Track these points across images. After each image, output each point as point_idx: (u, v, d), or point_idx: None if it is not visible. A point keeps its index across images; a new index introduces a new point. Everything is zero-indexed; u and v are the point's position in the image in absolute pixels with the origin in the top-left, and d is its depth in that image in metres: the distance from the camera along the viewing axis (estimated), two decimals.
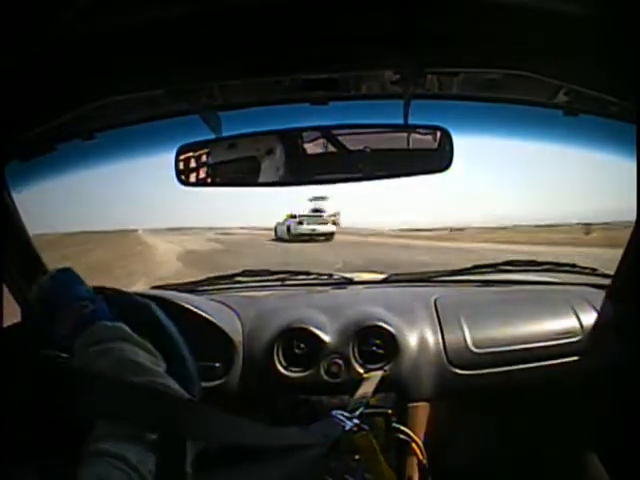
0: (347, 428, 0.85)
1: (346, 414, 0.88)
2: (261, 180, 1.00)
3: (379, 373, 1.07)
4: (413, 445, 1.10)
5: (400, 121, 0.95)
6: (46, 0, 0.59)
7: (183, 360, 0.77)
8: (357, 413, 0.90)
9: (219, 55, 0.79)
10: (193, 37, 0.75)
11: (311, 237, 15.46)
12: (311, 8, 0.72)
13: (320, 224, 16.51)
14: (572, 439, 1.21)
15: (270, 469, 0.67)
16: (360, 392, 0.99)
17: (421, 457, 1.10)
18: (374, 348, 1.11)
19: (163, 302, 1.05)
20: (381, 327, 1.12)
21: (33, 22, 0.60)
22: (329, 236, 16.11)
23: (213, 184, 1.04)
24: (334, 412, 0.88)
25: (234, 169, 1.02)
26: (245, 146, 0.99)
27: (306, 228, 15.99)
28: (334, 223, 17.57)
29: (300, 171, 1.00)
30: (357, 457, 0.98)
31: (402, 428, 1.10)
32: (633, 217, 0.98)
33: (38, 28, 0.62)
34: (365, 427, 0.89)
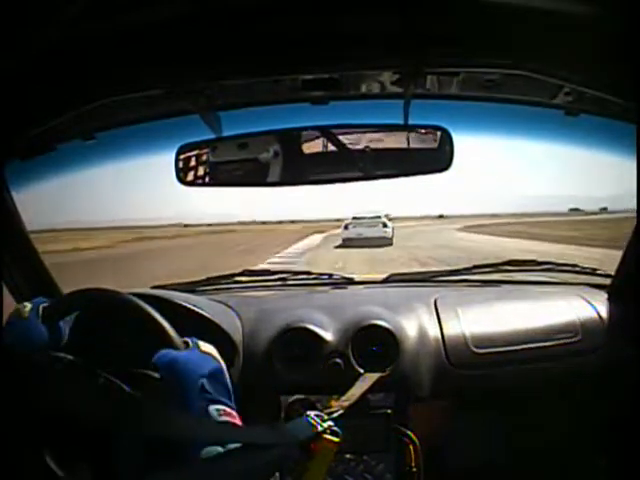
0: (319, 430, 0.81)
1: (322, 415, 0.84)
2: (261, 180, 1.00)
3: (375, 375, 1.06)
4: (412, 445, 1.10)
5: (400, 121, 0.95)
6: (46, 0, 0.59)
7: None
8: (335, 415, 0.87)
9: (219, 55, 0.79)
10: (193, 37, 0.75)
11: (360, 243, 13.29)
12: (311, 8, 0.72)
13: (368, 227, 14.09)
14: (572, 439, 1.21)
15: (224, 467, 0.67)
16: (349, 393, 0.98)
17: (421, 457, 1.10)
18: (374, 348, 1.11)
19: (163, 301, 1.05)
20: (381, 327, 1.12)
21: (33, 22, 0.60)
22: (379, 241, 13.35)
23: (213, 184, 1.04)
24: (309, 412, 0.84)
25: (234, 169, 1.02)
26: (245, 146, 0.99)
27: (353, 232, 14.04)
28: (385, 225, 14.45)
29: (300, 171, 1.00)
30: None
31: (402, 428, 1.10)
32: None
33: (38, 28, 0.62)
34: (337, 430, 0.83)
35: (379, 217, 14.51)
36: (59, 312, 0.80)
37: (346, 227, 14.66)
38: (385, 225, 14.36)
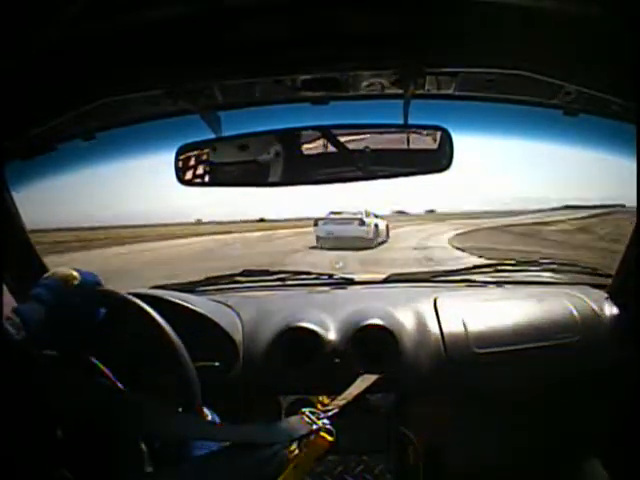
0: (315, 427, 0.82)
1: (317, 412, 0.85)
2: (261, 180, 1.00)
3: (374, 374, 1.06)
4: (412, 445, 1.10)
5: (400, 121, 0.95)
6: (46, 0, 0.59)
7: (180, 360, 0.77)
8: (330, 413, 0.87)
9: (219, 55, 0.79)
10: (193, 37, 0.75)
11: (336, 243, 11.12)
12: (311, 8, 0.72)
13: (341, 224, 11.63)
14: (572, 439, 1.22)
15: (219, 466, 0.67)
16: (346, 392, 0.98)
17: (420, 457, 1.10)
18: (374, 348, 1.11)
19: (163, 302, 1.05)
20: (381, 327, 1.13)
21: (33, 22, 0.60)
22: (354, 241, 10.93)
23: (213, 184, 1.04)
24: (304, 409, 0.85)
25: (234, 169, 1.02)
26: (245, 146, 0.99)
27: (322, 230, 11.84)
28: (362, 223, 11.71)
29: (300, 171, 1.00)
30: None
31: (402, 428, 1.10)
32: None
33: (38, 28, 0.62)
34: (332, 429, 0.84)
35: (358, 213, 11.90)
36: (103, 301, 0.79)
37: (316, 224, 12.25)
38: (362, 223, 11.72)
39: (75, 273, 0.77)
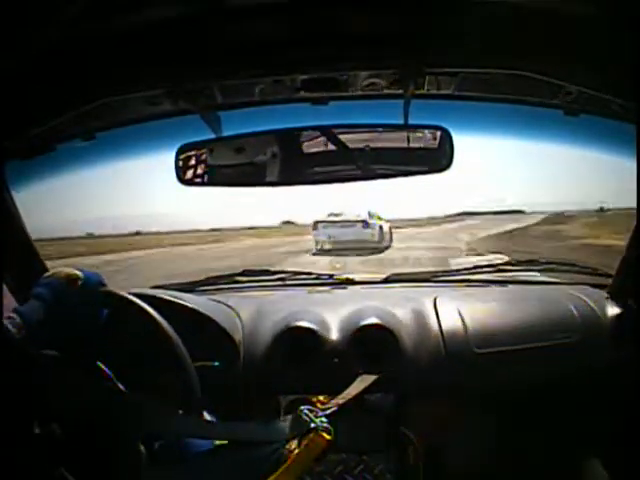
0: (312, 426, 0.83)
1: (316, 410, 0.86)
2: (261, 180, 1.00)
3: (374, 374, 1.06)
4: (412, 445, 1.10)
5: (400, 121, 0.95)
6: (46, 0, 0.59)
7: (180, 360, 0.77)
8: (328, 412, 0.88)
9: (219, 55, 0.79)
10: (193, 37, 0.75)
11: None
12: (311, 8, 0.72)
13: (344, 227, 10.56)
14: (572, 439, 1.22)
15: (218, 464, 0.68)
16: (345, 392, 0.98)
17: (420, 457, 1.10)
18: (374, 348, 1.11)
19: (162, 301, 1.05)
20: (381, 327, 1.13)
21: (33, 22, 0.60)
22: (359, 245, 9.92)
23: (213, 184, 1.04)
24: (303, 408, 0.86)
25: (234, 169, 1.02)
26: (245, 146, 0.99)
27: (322, 234, 10.80)
28: (366, 225, 10.63)
29: (300, 171, 1.00)
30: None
31: (402, 428, 1.10)
32: None
33: (38, 28, 0.62)
34: (329, 427, 0.84)
35: (360, 214, 10.90)
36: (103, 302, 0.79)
37: (315, 227, 11.04)
38: (367, 225, 10.71)
39: (79, 273, 0.77)
